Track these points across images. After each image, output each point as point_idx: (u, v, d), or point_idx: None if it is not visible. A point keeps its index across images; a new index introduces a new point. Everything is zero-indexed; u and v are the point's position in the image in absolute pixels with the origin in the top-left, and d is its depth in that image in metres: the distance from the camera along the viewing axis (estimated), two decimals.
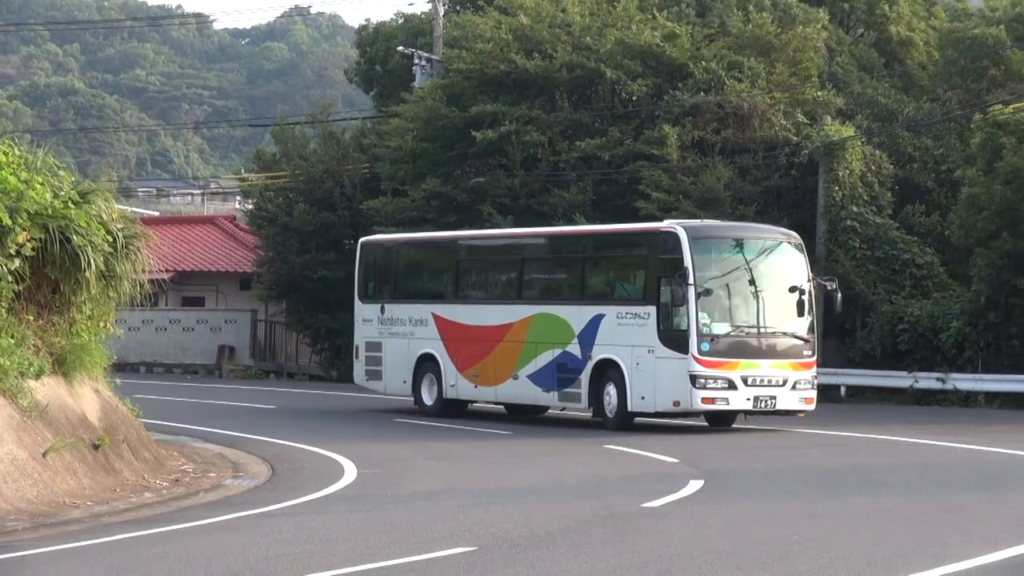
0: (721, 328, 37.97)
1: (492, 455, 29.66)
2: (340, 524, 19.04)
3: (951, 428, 39.47)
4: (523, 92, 51.11)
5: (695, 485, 22.78)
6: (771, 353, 38.34)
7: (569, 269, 43.31)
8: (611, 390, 38.62)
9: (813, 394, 38.66)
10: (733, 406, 37.73)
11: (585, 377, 38.81)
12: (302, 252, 56.69)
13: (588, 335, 39.51)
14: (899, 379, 50.22)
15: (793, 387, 37.87)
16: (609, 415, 38.62)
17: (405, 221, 52.26)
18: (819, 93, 49.83)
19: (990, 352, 47.00)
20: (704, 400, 37.03)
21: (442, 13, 59.19)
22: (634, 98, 50.68)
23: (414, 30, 61.93)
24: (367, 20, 63.85)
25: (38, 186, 24.56)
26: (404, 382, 43.35)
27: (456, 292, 45.04)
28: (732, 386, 37.10)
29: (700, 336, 37.05)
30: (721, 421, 40.70)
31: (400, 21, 64.41)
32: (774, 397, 37.62)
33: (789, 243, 40.56)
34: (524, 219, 50.14)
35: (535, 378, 40.26)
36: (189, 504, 22.29)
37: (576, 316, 39.97)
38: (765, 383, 37.47)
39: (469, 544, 15.44)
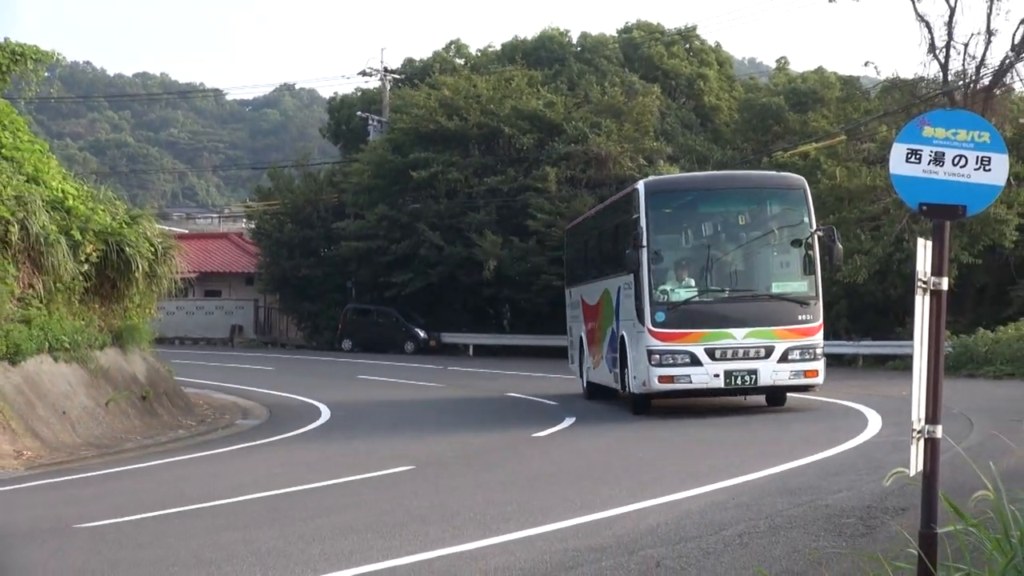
0: (682, 294, 24.34)
1: (430, 403, 29.44)
2: (317, 451, 19.08)
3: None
4: (446, 144, 51.16)
5: (569, 421, 22.72)
6: (749, 319, 24.04)
7: (601, 242, 30.29)
8: (624, 370, 25.66)
9: (816, 366, 23.90)
10: (697, 384, 23.83)
11: (618, 355, 26.13)
12: (289, 258, 56.92)
13: (616, 311, 26.84)
14: None
15: (784, 358, 23.65)
16: (628, 396, 25.79)
17: (363, 236, 52.34)
18: (654, 144, 49.69)
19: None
20: (661, 379, 23.71)
21: (388, 88, 59.82)
22: (524, 148, 50.36)
23: (369, 100, 62.15)
24: (335, 94, 62.92)
25: (101, 212, 24.80)
26: (575, 365, 32.23)
27: (575, 274, 33.94)
28: (695, 361, 23.66)
29: (654, 305, 23.97)
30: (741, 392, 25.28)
31: (359, 94, 64.47)
32: (754, 372, 23.57)
33: (780, 190, 26.31)
34: (448, 234, 50.31)
35: (606, 359, 27.67)
36: (211, 438, 22.32)
37: (612, 290, 27.27)
38: (740, 355, 23.67)
39: (411, 464, 15.41)
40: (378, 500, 13.11)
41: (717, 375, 23.01)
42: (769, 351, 23.05)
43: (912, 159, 5.49)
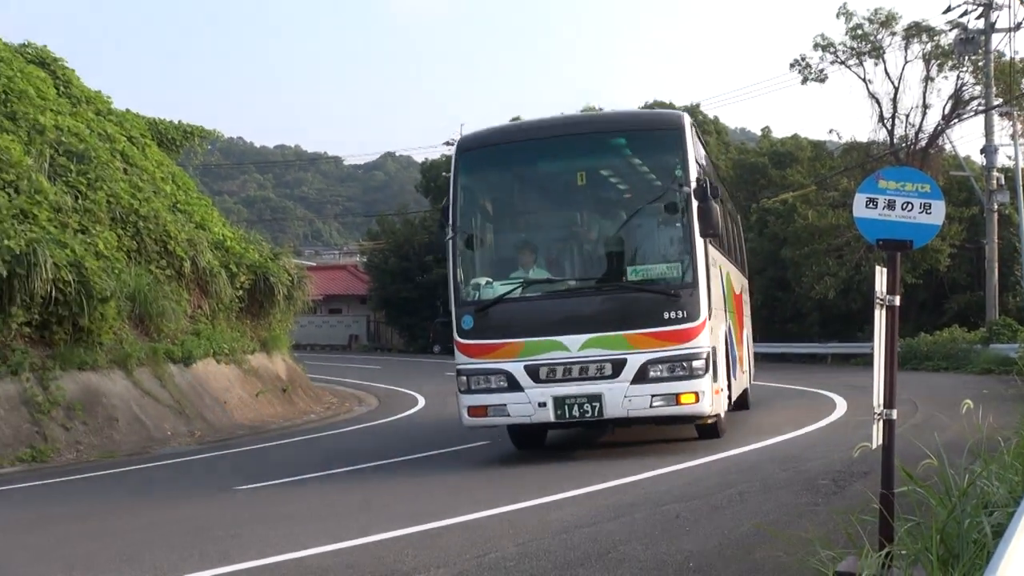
0: (497, 289, 13.32)
1: None
2: (416, 430, 19.04)
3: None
4: None
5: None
6: (590, 321, 12.71)
7: None
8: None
9: (696, 386, 12.32)
10: (517, 416, 12.88)
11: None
12: (392, 284, 57.51)
13: None
14: None
15: (641, 377, 12.37)
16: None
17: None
18: None
19: (766, 330, 46.92)
20: (472, 411, 13.11)
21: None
22: None
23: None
24: (426, 159, 63.27)
25: (251, 250, 25.23)
26: None
27: None
28: (512, 384, 12.81)
29: (461, 306, 13.49)
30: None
31: (444, 159, 64.64)
32: (596, 398, 12.44)
33: (641, 134, 14.14)
34: None
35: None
36: (334, 421, 22.38)
37: None
38: (575, 374, 12.60)
39: (486, 440, 15.38)
40: (467, 466, 13.25)
41: (544, 404, 12.24)
42: (618, 366, 12.10)
43: (870, 205, 5.49)
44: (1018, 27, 37.45)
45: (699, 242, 12.29)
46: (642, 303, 12.29)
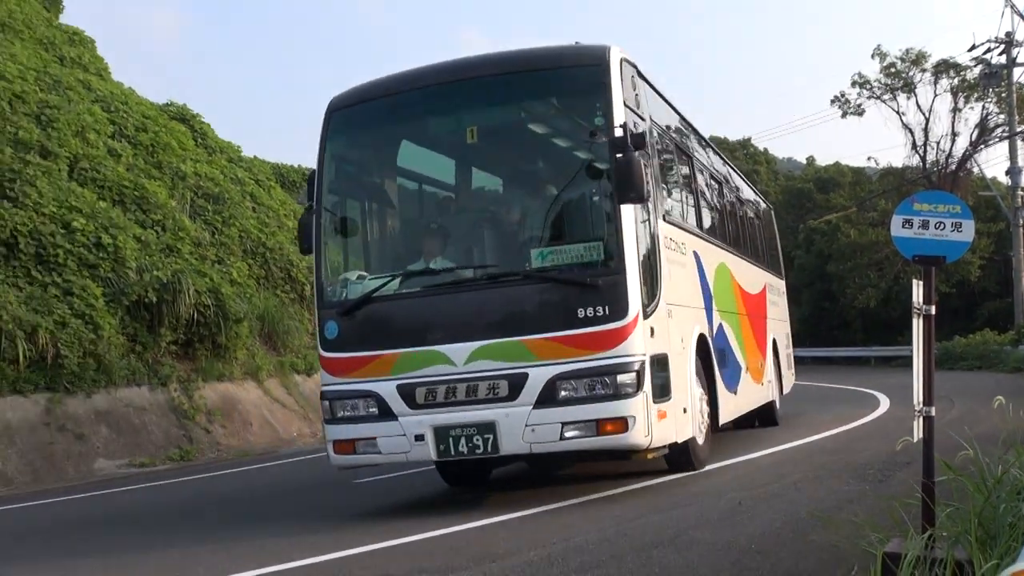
0: (363, 287, 8.43)
1: None
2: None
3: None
4: None
5: None
6: (480, 325, 7.93)
7: None
8: None
9: (624, 408, 7.57)
10: (389, 453, 8.17)
11: None
12: None
13: None
14: None
15: (548, 398, 7.63)
16: None
17: None
18: None
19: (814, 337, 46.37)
20: (338, 447, 8.37)
21: None
22: None
23: None
24: None
25: None
26: None
27: None
28: (383, 410, 8.06)
29: (325, 308, 8.60)
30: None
31: None
32: (489, 427, 7.73)
33: (555, 73, 8.42)
34: None
35: None
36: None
37: None
38: (461, 396, 7.88)
39: None
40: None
41: (421, 437, 8.11)
42: (517, 384, 7.89)
43: (907, 225, 5.41)
44: None
45: (630, 213, 7.85)
46: (549, 297, 7.85)
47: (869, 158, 60.61)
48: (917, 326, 5.43)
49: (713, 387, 10.23)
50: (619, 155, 7.75)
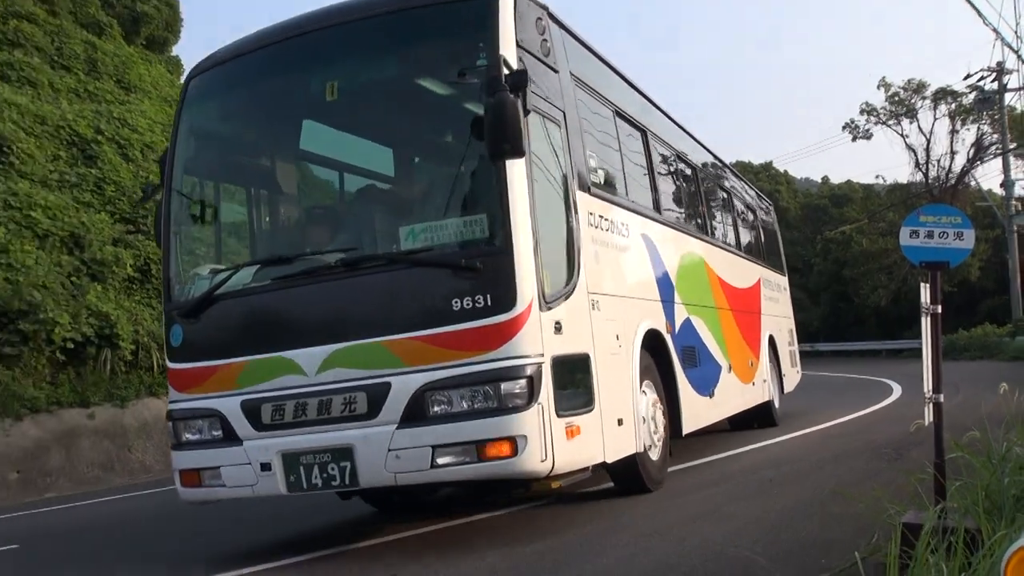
0: (208, 283, 5.74)
1: None
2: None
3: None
4: None
5: None
6: (336, 324, 5.27)
7: None
8: None
9: (514, 426, 4.88)
10: (234, 487, 5.49)
11: None
12: None
13: None
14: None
15: (416, 415, 4.98)
16: None
17: None
18: None
19: (833, 333, 45.69)
20: (184, 478, 5.71)
21: None
22: None
23: None
24: None
25: None
26: None
27: None
28: (227, 433, 5.44)
29: (171, 310, 5.87)
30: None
31: None
32: (345, 452, 5.10)
33: (426, 12, 5.48)
34: None
35: None
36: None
37: None
38: (312, 413, 5.21)
39: None
40: None
41: (268, 465, 5.43)
42: (377, 398, 5.19)
43: (914, 236, 5.30)
44: None
45: (522, 177, 5.31)
46: (419, 286, 5.32)
47: (877, 176, 60.04)
48: (925, 323, 5.32)
49: (674, 390, 7.66)
50: (490, 97, 5.08)
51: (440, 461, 5.11)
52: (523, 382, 5.12)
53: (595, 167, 6.71)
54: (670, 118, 9.77)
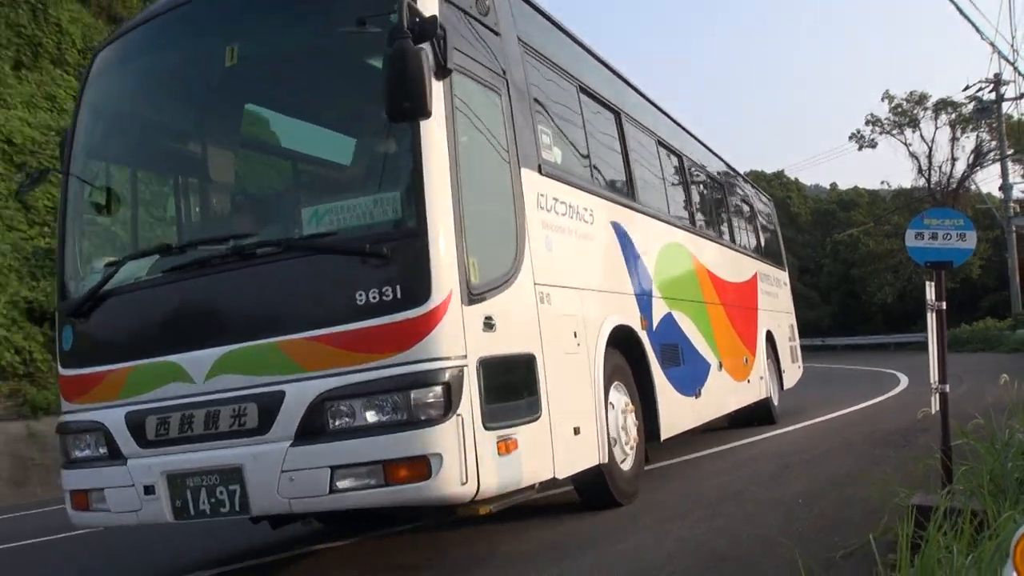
0: (101, 275, 4.38)
1: None
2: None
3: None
4: None
5: None
6: (224, 324, 4.04)
7: None
8: None
9: (428, 443, 3.64)
10: (119, 513, 4.23)
11: None
12: None
13: None
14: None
15: (317, 427, 3.76)
16: None
17: None
18: None
19: (843, 328, 45.34)
20: (75, 500, 4.42)
21: None
22: None
23: None
24: None
25: None
26: None
27: None
28: (112, 451, 4.18)
29: (64, 310, 4.59)
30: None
31: None
32: (235, 474, 3.86)
33: None
34: None
35: None
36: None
37: None
38: (201, 428, 3.96)
39: None
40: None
41: (151, 488, 4.21)
42: (269, 409, 3.97)
43: (919, 237, 5.28)
44: (1022, 96, 36.40)
45: (441, 149, 4.13)
46: (319, 278, 4.15)
47: (882, 182, 59.62)
48: (931, 319, 5.31)
49: (650, 392, 6.49)
50: (389, 47, 3.95)
51: (340, 485, 3.93)
52: (438, 389, 3.89)
53: (549, 144, 5.46)
54: (651, 102, 8.32)
